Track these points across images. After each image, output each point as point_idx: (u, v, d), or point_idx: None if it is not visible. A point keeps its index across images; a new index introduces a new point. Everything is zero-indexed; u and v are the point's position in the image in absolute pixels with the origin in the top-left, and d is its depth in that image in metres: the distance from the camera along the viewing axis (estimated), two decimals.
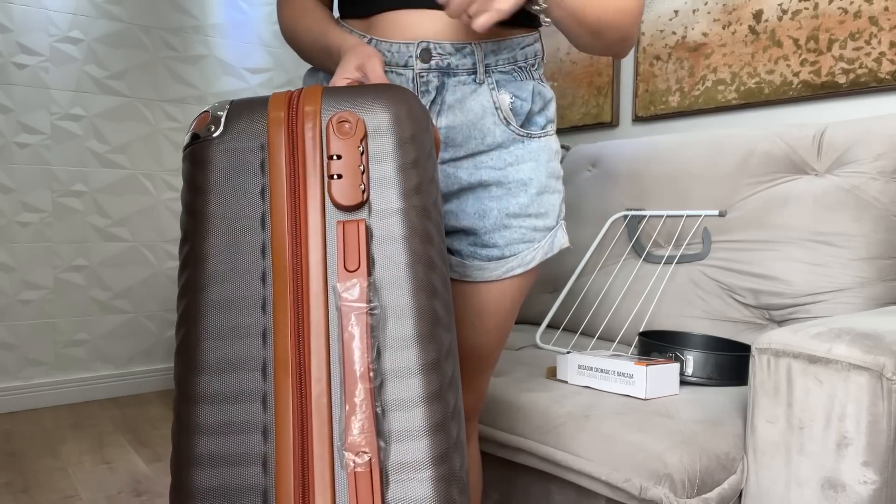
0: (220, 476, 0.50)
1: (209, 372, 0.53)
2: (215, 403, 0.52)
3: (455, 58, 0.80)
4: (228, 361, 0.53)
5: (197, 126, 0.59)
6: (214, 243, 0.57)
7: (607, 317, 1.56)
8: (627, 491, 0.94)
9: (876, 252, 1.30)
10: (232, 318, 0.54)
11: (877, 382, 0.86)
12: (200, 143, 0.59)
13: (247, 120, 0.60)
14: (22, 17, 2.52)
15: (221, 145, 0.59)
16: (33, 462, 2.06)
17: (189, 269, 0.57)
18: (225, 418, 0.52)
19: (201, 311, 0.55)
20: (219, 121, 0.60)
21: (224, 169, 0.58)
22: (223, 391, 0.53)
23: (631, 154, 1.77)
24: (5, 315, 2.55)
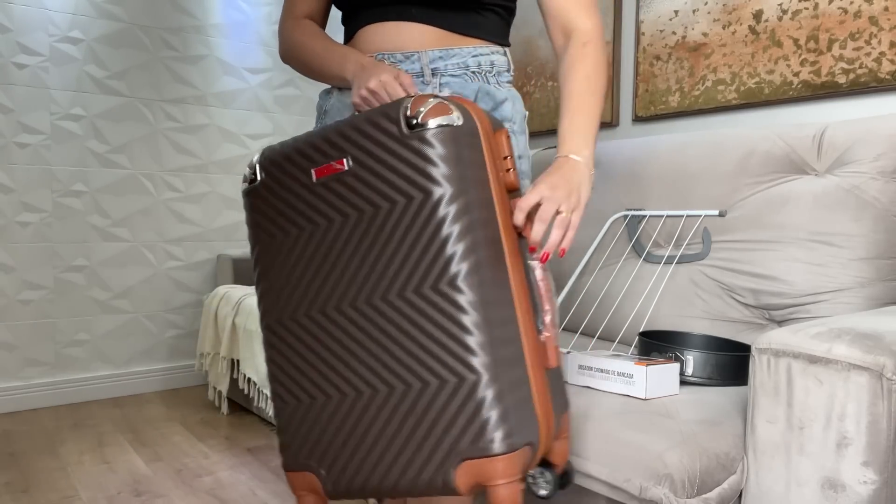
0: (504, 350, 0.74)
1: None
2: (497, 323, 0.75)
3: (404, 64, 0.98)
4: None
5: (437, 113, 0.75)
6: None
7: (607, 317, 1.56)
8: (627, 491, 0.94)
9: (876, 252, 1.30)
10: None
11: (877, 382, 0.86)
12: (451, 129, 0.75)
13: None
14: (22, 17, 2.52)
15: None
16: (33, 462, 2.06)
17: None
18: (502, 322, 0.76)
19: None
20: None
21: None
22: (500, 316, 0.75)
23: (631, 154, 1.77)
24: (5, 315, 2.55)
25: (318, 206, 0.80)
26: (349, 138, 0.78)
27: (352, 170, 0.77)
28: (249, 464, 2.04)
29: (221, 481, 1.91)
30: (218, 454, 2.13)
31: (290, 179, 0.82)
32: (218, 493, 1.83)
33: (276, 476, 1.95)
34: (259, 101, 3.10)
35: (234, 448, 2.18)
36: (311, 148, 0.81)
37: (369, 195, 0.76)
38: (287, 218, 0.83)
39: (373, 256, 0.76)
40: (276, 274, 0.84)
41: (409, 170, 0.74)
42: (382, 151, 0.75)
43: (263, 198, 0.85)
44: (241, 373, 2.34)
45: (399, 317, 0.74)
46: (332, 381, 0.79)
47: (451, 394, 0.71)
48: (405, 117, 0.74)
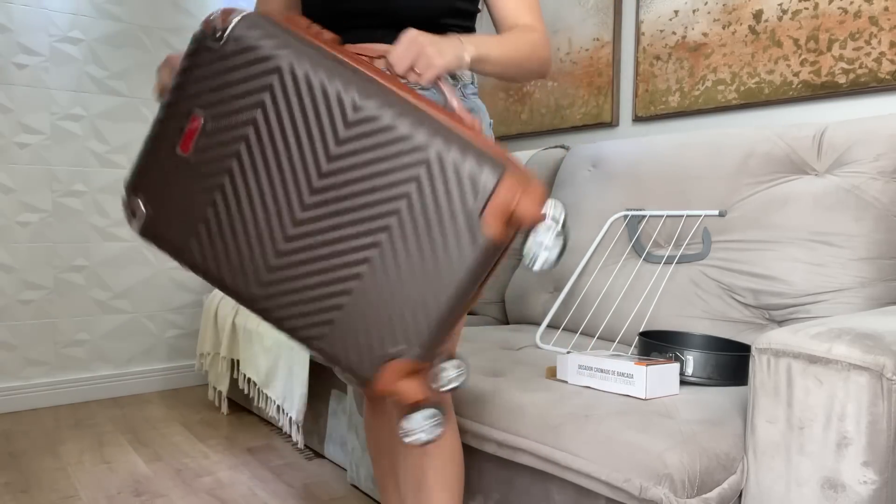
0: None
1: None
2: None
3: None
4: None
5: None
6: None
7: (607, 317, 1.56)
8: (627, 491, 0.94)
9: (876, 252, 1.30)
10: None
11: (877, 382, 0.86)
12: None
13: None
14: (22, 17, 2.52)
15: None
16: (33, 462, 2.06)
17: None
18: None
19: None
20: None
21: None
22: None
23: (631, 154, 1.77)
24: (5, 315, 2.55)
25: (213, 166, 0.81)
26: (183, 93, 0.80)
27: (208, 118, 0.79)
28: (249, 464, 2.04)
29: (221, 481, 1.91)
30: (218, 454, 2.13)
31: (170, 175, 0.83)
32: (218, 493, 1.83)
33: (275, 476, 1.95)
34: None
35: (234, 448, 2.18)
36: (163, 125, 0.82)
37: (237, 121, 0.78)
38: (196, 200, 0.84)
39: (284, 158, 0.78)
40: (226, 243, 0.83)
41: (246, 71, 0.77)
42: (216, 79, 0.78)
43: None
44: (241, 373, 2.34)
45: (342, 173, 0.77)
46: (336, 291, 0.80)
47: (429, 181, 0.75)
48: (210, 37, 0.77)
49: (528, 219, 0.75)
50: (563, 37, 2.32)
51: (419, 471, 1.02)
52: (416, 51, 0.84)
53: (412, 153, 0.75)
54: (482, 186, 0.73)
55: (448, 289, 0.76)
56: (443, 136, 0.74)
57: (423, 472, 1.02)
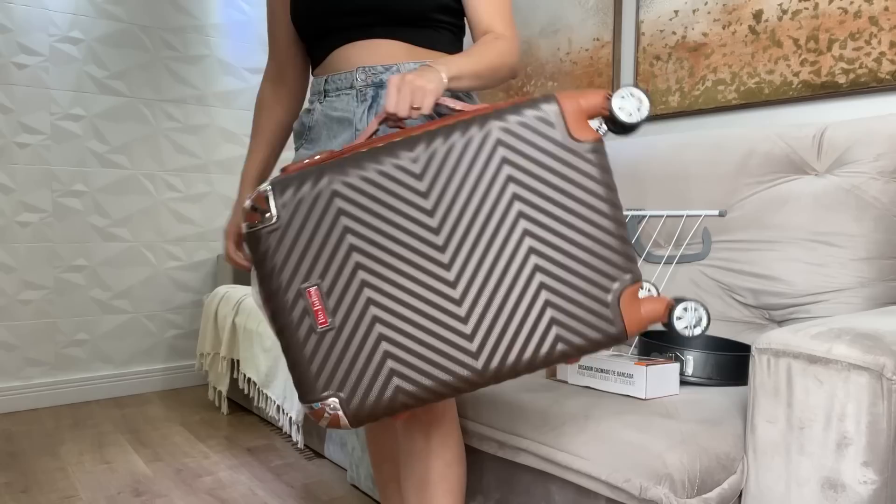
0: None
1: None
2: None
3: (384, 75, 1.09)
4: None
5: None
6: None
7: None
8: (627, 491, 0.94)
9: (876, 252, 1.30)
10: None
11: (877, 382, 0.86)
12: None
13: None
14: (22, 17, 2.52)
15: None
16: (33, 462, 2.06)
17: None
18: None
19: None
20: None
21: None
22: None
23: (631, 154, 1.77)
24: (5, 315, 2.55)
25: (355, 310, 0.83)
26: (278, 286, 0.82)
27: (317, 281, 0.81)
28: (249, 464, 2.04)
29: (221, 481, 1.92)
30: (218, 454, 2.13)
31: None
32: (218, 493, 1.83)
33: (275, 476, 1.95)
34: None
35: (234, 448, 2.18)
36: (289, 327, 0.82)
37: (341, 259, 0.82)
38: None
39: (399, 248, 0.82)
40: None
41: (314, 218, 0.81)
42: (296, 249, 0.81)
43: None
44: (241, 373, 2.34)
45: (448, 216, 0.81)
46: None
47: (513, 152, 0.80)
48: (263, 223, 0.81)
49: (600, 104, 0.81)
50: (563, 37, 2.32)
51: (422, 472, 1.02)
52: (406, 90, 0.89)
53: (484, 145, 0.79)
54: (552, 114, 0.80)
55: (601, 205, 0.80)
56: (490, 117, 0.80)
57: (426, 473, 1.02)
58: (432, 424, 1.02)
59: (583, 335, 0.79)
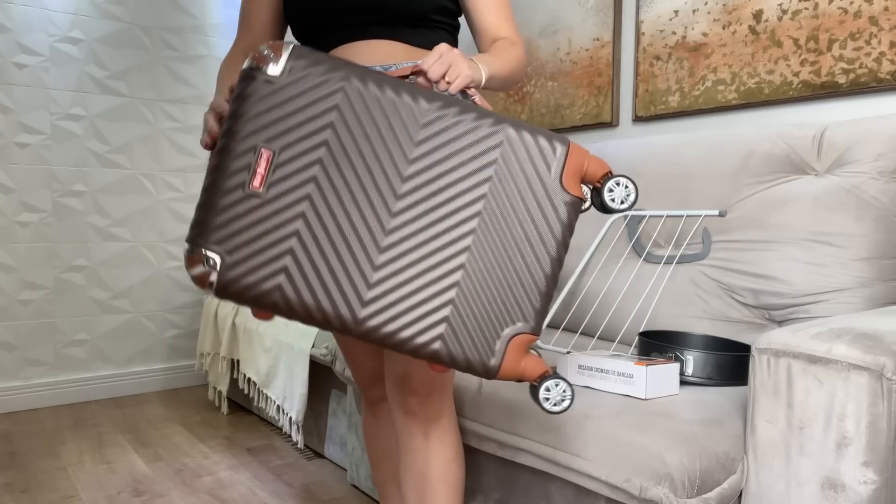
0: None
1: None
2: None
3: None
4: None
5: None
6: None
7: (607, 317, 1.56)
8: (627, 491, 0.94)
9: (876, 252, 1.30)
10: None
11: (877, 382, 0.86)
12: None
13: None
14: (22, 17, 2.52)
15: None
16: (33, 462, 2.06)
17: None
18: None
19: None
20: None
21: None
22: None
23: (631, 154, 1.77)
24: (5, 315, 2.55)
25: (290, 195, 0.82)
26: (241, 133, 0.80)
27: (277, 150, 0.80)
28: (249, 464, 2.05)
29: (221, 481, 1.92)
30: (218, 454, 2.13)
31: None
32: (218, 493, 1.83)
33: (275, 476, 1.95)
34: None
35: (234, 448, 2.18)
36: (222, 169, 0.81)
37: (309, 146, 0.80)
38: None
39: (364, 171, 0.81)
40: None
41: (310, 95, 0.80)
42: (278, 111, 0.79)
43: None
44: (241, 373, 2.34)
45: (424, 172, 0.81)
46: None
47: (507, 160, 0.82)
48: (264, 71, 0.79)
49: (597, 176, 0.84)
50: (563, 37, 2.32)
51: (421, 471, 1.02)
52: (447, 61, 0.90)
53: (487, 139, 0.80)
54: (558, 154, 0.81)
55: (548, 254, 0.81)
56: (508, 122, 0.81)
57: (425, 472, 1.02)
58: (431, 423, 1.02)
59: (462, 349, 0.80)
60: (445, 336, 0.79)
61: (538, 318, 0.81)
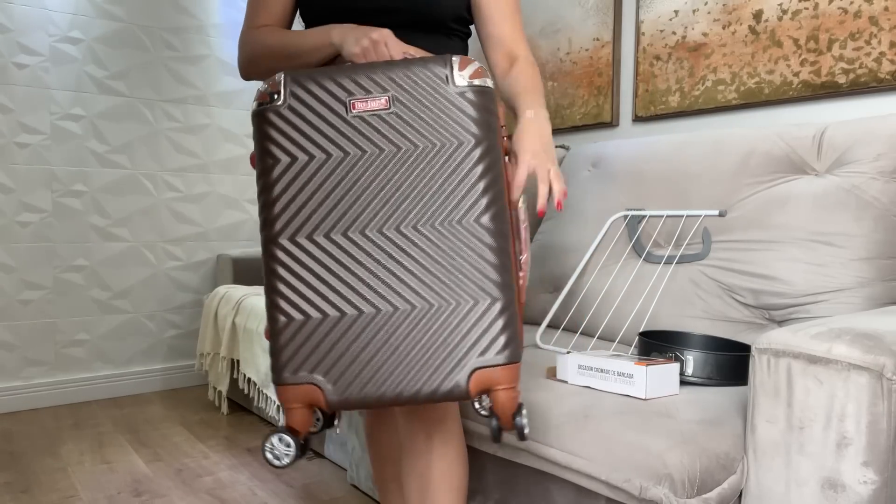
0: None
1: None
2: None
3: None
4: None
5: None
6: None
7: (607, 317, 1.56)
8: (627, 491, 0.94)
9: (876, 252, 1.30)
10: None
11: (877, 382, 0.86)
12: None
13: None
14: (22, 17, 2.52)
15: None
16: (33, 462, 2.06)
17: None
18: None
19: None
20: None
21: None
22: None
23: (631, 154, 1.77)
24: (5, 315, 2.55)
25: (352, 136, 0.87)
26: (395, 80, 0.86)
27: (391, 111, 0.86)
28: (249, 464, 2.05)
29: (221, 481, 1.92)
30: (218, 454, 2.13)
31: (322, 106, 0.87)
32: (218, 493, 1.83)
33: (275, 476, 1.95)
34: None
35: (234, 448, 2.18)
36: (351, 81, 0.87)
37: (409, 134, 0.86)
38: (313, 142, 0.87)
39: (406, 188, 0.85)
40: (295, 194, 0.87)
41: (450, 120, 0.85)
42: (428, 98, 0.85)
43: (285, 118, 0.88)
44: (241, 373, 2.34)
45: (427, 244, 0.84)
46: (348, 298, 0.85)
47: (468, 313, 0.83)
48: (453, 73, 0.85)
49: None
50: (563, 37, 2.32)
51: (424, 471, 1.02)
52: (547, 176, 0.97)
53: (477, 289, 0.84)
54: (491, 357, 0.83)
55: (424, 384, 0.84)
56: (509, 298, 0.84)
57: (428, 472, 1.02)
58: (434, 424, 1.02)
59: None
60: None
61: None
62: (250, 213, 3.11)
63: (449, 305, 0.83)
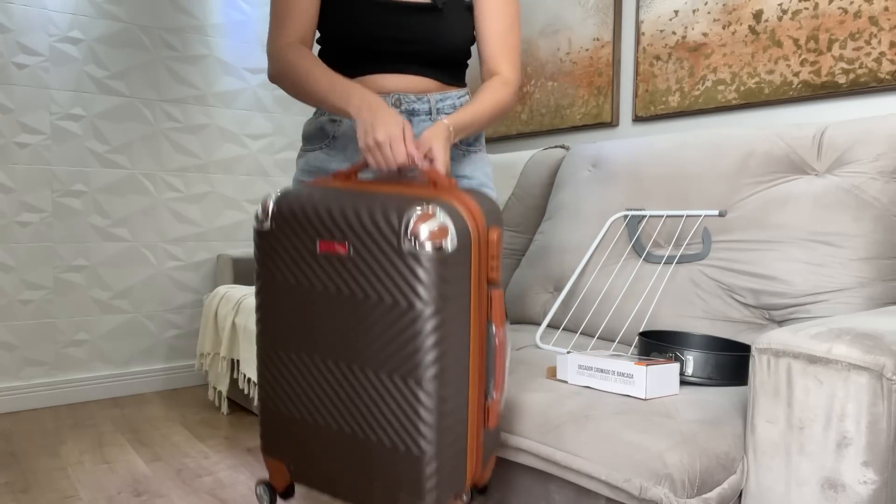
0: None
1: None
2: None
3: (417, 104, 1.20)
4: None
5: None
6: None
7: (607, 317, 1.56)
8: (627, 491, 0.94)
9: (876, 252, 1.30)
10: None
11: (877, 382, 0.86)
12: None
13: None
14: (22, 17, 2.52)
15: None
16: (33, 462, 2.06)
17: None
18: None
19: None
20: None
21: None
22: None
23: (631, 154, 1.77)
24: (5, 315, 2.55)
25: (318, 273, 0.91)
26: (353, 227, 0.88)
27: (351, 257, 0.88)
28: (249, 464, 2.04)
29: (221, 481, 1.92)
30: (218, 454, 2.13)
31: (296, 238, 0.93)
32: (218, 493, 1.83)
33: None
34: (259, 101, 3.10)
35: (234, 448, 2.18)
36: (320, 219, 0.90)
37: (363, 284, 0.88)
38: (290, 269, 0.94)
39: (358, 332, 0.89)
40: (276, 309, 0.97)
41: (400, 279, 0.85)
42: (380, 254, 0.86)
43: (271, 244, 0.96)
44: (241, 373, 2.34)
45: (370, 387, 0.89)
46: (310, 409, 0.95)
47: (400, 457, 0.88)
48: (406, 232, 0.84)
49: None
50: (563, 37, 2.32)
51: None
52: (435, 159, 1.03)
53: (409, 439, 0.89)
54: (416, 499, 0.88)
55: (358, 496, 0.94)
56: (437, 452, 0.88)
57: None
58: None
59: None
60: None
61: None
62: (250, 212, 3.11)
63: (385, 445, 0.88)
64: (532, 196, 2.09)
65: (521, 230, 2.09)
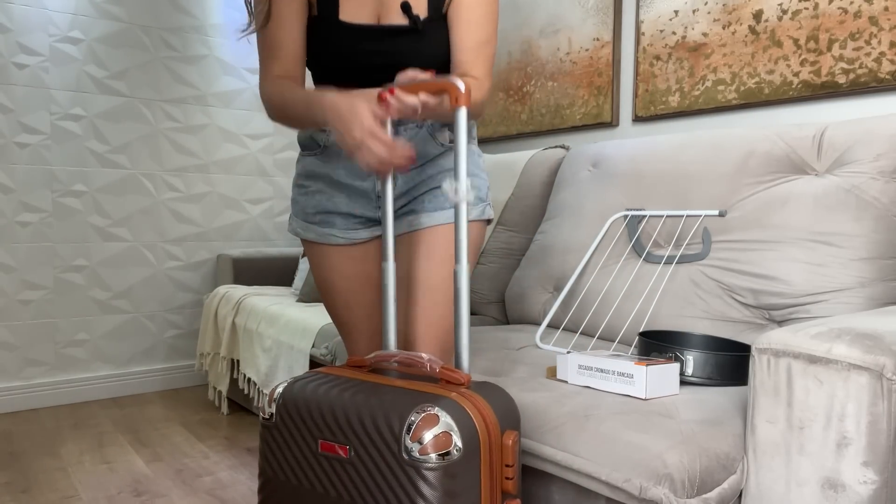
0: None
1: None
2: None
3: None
4: None
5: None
6: None
7: (607, 317, 1.56)
8: (627, 491, 0.94)
9: (876, 252, 1.30)
10: None
11: (877, 382, 0.86)
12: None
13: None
14: (22, 17, 2.52)
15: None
16: (33, 462, 2.06)
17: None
18: None
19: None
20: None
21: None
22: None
23: (631, 154, 1.77)
24: (5, 315, 2.55)
25: (319, 474, 0.87)
26: (354, 429, 0.83)
27: (351, 460, 0.83)
28: (249, 464, 2.04)
29: (221, 481, 1.92)
30: (218, 454, 2.13)
31: (299, 436, 0.89)
32: (218, 493, 1.83)
33: None
34: (259, 101, 3.10)
35: (234, 448, 2.18)
36: (323, 418, 0.86)
37: (363, 492, 0.82)
38: (291, 467, 0.90)
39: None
40: None
41: (401, 491, 0.78)
42: (381, 460, 0.80)
43: (275, 437, 0.92)
44: (241, 373, 2.34)
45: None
46: None
47: None
48: (406, 439, 0.78)
49: None
50: (563, 37, 2.32)
51: None
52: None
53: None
54: None
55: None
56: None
57: None
58: None
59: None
60: None
61: None
62: (250, 213, 3.11)
63: None
64: (532, 196, 2.09)
65: (520, 230, 2.09)
